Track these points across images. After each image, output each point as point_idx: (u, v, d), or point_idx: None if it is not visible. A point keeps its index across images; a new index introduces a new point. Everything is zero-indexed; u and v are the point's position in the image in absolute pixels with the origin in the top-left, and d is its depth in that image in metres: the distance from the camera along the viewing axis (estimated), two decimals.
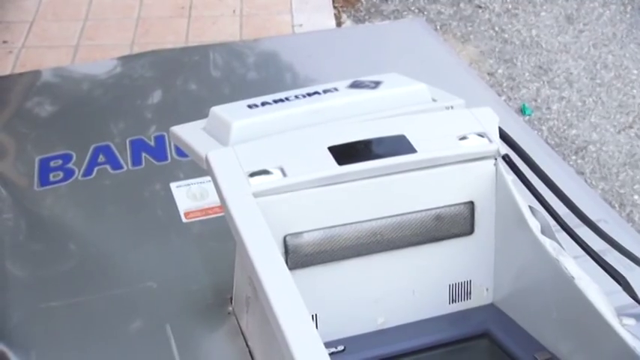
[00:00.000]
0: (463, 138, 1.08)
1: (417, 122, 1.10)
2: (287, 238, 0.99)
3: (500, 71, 3.03)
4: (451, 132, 1.08)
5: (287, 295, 0.85)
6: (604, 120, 2.71)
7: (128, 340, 1.12)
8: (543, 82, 2.94)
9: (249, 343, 1.08)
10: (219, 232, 1.32)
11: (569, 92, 2.87)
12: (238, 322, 1.12)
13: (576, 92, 2.87)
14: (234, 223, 0.93)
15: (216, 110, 1.11)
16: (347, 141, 1.04)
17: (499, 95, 2.74)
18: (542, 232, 1.02)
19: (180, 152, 1.54)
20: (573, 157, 2.50)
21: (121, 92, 1.76)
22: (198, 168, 1.49)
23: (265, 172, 0.99)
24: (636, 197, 2.32)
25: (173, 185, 1.43)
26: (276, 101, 1.14)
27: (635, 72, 2.99)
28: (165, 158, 1.52)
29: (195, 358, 1.10)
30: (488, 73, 3.01)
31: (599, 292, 0.93)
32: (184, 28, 3.04)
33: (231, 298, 1.15)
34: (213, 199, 1.40)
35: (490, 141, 1.08)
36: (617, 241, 1.25)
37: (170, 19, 3.09)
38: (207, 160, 1.01)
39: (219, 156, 1.01)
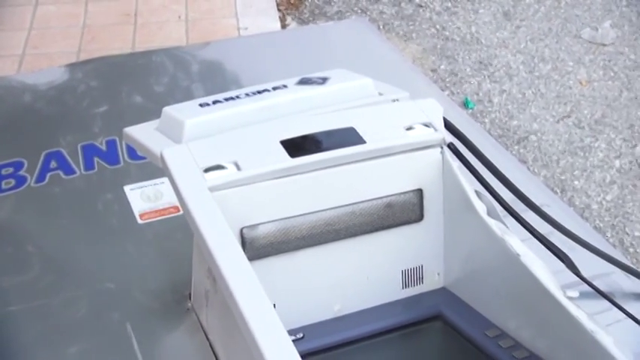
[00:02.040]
0: (410, 128, 1.11)
1: (365, 115, 1.12)
2: (243, 231, 1.00)
3: (442, 67, 3.07)
4: (398, 123, 1.11)
5: (247, 283, 0.86)
6: (543, 111, 2.77)
7: (89, 341, 1.12)
8: (484, 77, 2.99)
9: (209, 337, 1.08)
10: (174, 232, 1.33)
11: (509, 85, 2.93)
12: (198, 318, 1.12)
13: (516, 85, 2.93)
14: (192, 217, 0.94)
15: (169, 110, 1.12)
16: (298, 134, 1.05)
17: (442, 90, 2.79)
18: (488, 214, 1.05)
19: (132, 155, 1.54)
20: (516, 147, 2.55)
21: (69, 99, 1.75)
22: (152, 170, 1.49)
23: (220, 167, 1.00)
24: (576, 183, 2.38)
25: (127, 188, 1.43)
26: (227, 99, 1.15)
27: (571, 64, 3.07)
28: (118, 162, 1.52)
29: (157, 354, 1.10)
30: (431, 70, 3.06)
31: (543, 268, 0.97)
32: (130, 34, 3.01)
33: (190, 295, 1.16)
34: (167, 200, 1.40)
35: (436, 130, 1.11)
36: (560, 224, 1.29)
37: (116, 26, 3.07)
38: (162, 158, 1.02)
39: (174, 153, 1.02)
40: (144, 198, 1.41)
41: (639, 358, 0.92)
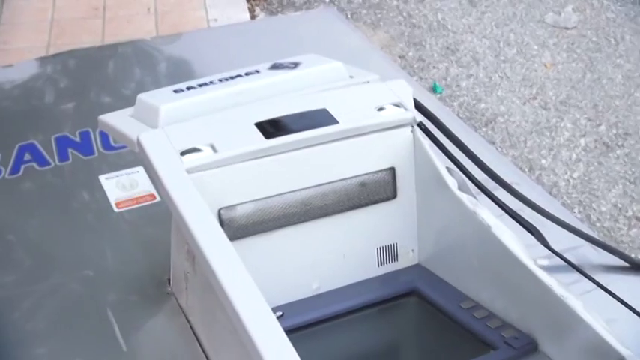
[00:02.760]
0: (381, 109, 1.12)
1: (336, 96, 1.13)
2: (221, 212, 1.00)
3: (410, 54, 3.09)
4: (369, 103, 1.12)
5: (228, 260, 0.87)
6: (510, 93, 2.80)
7: (70, 327, 1.12)
8: (451, 62, 3.02)
9: (190, 319, 1.09)
10: (151, 219, 1.33)
11: (476, 70, 2.96)
12: (177, 301, 1.13)
13: (483, 69, 2.96)
14: (171, 198, 0.94)
15: (143, 96, 1.12)
16: (272, 117, 1.06)
17: (411, 76, 2.81)
18: (459, 188, 1.07)
19: (107, 146, 1.54)
20: (484, 129, 2.58)
21: (40, 92, 1.73)
22: (126, 160, 1.50)
23: (196, 150, 1.00)
24: (544, 162, 2.41)
25: (102, 177, 1.43)
26: (200, 85, 1.15)
27: (536, 47, 3.10)
28: (92, 152, 1.51)
29: (138, 338, 1.10)
30: (400, 56, 3.08)
31: (513, 238, 0.98)
32: (100, 28, 2.99)
33: (169, 280, 1.16)
34: (143, 189, 1.40)
35: (406, 110, 1.12)
36: (530, 200, 1.31)
37: (85, 20, 3.04)
38: (138, 143, 1.02)
39: (150, 137, 1.02)
40: (119, 187, 1.41)
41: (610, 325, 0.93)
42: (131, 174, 1.43)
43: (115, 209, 1.35)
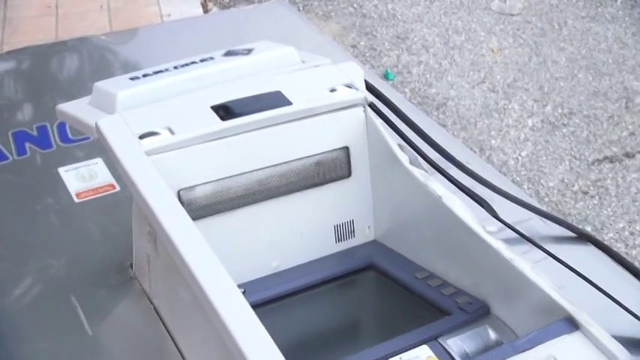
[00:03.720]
0: (333, 90, 1.13)
1: (290, 79, 1.14)
2: (181, 193, 1.01)
3: (362, 43, 3.11)
4: (322, 85, 1.13)
5: (190, 236, 0.87)
6: (459, 78, 2.84)
7: (35, 313, 1.11)
8: (402, 50, 3.05)
9: (153, 302, 1.09)
10: (112, 208, 1.32)
11: (427, 57, 2.99)
12: (141, 285, 1.13)
13: (432, 56, 3.00)
14: (131, 179, 0.94)
15: (100, 84, 1.12)
16: (227, 100, 1.07)
17: (363, 64, 2.82)
18: (411, 163, 1.09)
19: (65, 139, 1.53)
20: (435, 113, 2.61)
21: None
22: (85, 152, 1.49)
23: (154, 133, 1.00)
24: (493, 142, 2.45)
25: (61, 170, 1.42)
26: (156, 72, 1.16)
27: (483, 34, 3.15)
28: (50, 146, 1.50)
29: (103, 322, 1.10)
30: (352, 46, 3.10)
31: (463, 207, 1.01)
32: (53, 25, 2.96)
33: (132, 265, 1.16)
34: (102, 179, 1.40)
35: (357, 90, 1.14)
36: (480, 176, 1.34)
37: (37, 17, 3.00)
38: (97, 128, 1.01)
39: (108, 122, 1.02)
40: (79, 178, 1.41)
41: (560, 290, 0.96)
42: (90, 165, 1.43)
43: (76, 199, 1.35)
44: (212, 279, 0.82)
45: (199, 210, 1.02)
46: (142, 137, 1.00)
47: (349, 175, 1.15)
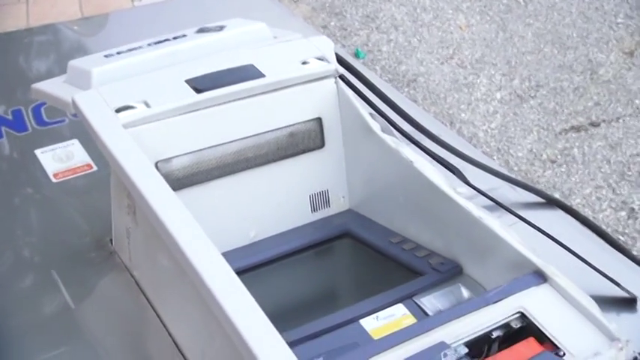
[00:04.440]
0: (305, 62, 1.14)
1: (262, 53, 1.15)
2: (158, 165, 1.01)
3: (332, 23, 3.11)
4: (294, 58, 1.14)
5: (171, 204, 0.88)
6: (428, 55, 2.85)
7: (17, 288, 1.12)
8: (372, 29, 3.05)
9: (133, 274, 1.10)
10: (89, 188, 1.33)
11: (396, 35, 3.00)
12: (121, 259, 1.13)
13: (402, 34, 3.00)
14: (110, 152, 0.95)
15: (75, 62, 1.11)
16: (202, 73, 1.07)
17: (335, 44, 2.82)
18: (383, 131, 1.10)
19: (40, 122, 1.53)
20: (406, 89, 2.62)
21: None
22: (60, 134, 1.49)
23: (130, 107, 1.01)
24: (463, 115, 2.47)
25: (38, 152, 1.42)
26: (130, 50, 1.16)
27: (450, 12, 3.15)
28: (26, 129, 1.50)
29: (84, 295, 1.11)
30: (322, 26, 3.09)
31: (434, 170, 1.02)
32: (24, 13, 2.91)
33: (111, 240, 1.16)
34: (79, 159, 1.40)
35: (329, 62, 1.15)
36: (450, 145, 1.36)
37: (7, 6, 2.96)
38: (74, 103, 1.01)
39: (84, 97, 1.02)
40: (56, 159, 1.41)
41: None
42: (66, 146, 1.43)
43: (53, 180, 1.35)
44: (194, 244, 0.83)
45: (177, 181, 1.03)
46: (118, 111, 1.00)
47: (322, 145, 1.16)
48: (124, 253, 1.12)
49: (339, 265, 1.15)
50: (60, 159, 1.41)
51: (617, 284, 1.16)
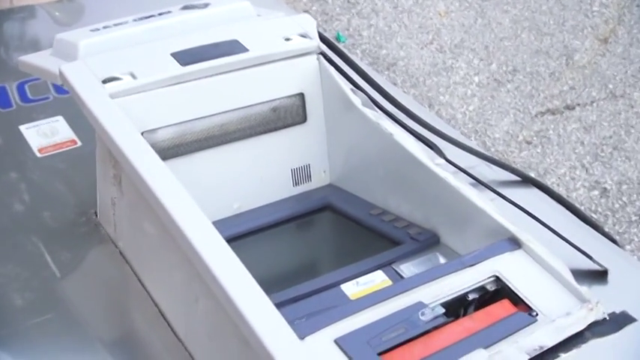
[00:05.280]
0: (288, 39, 1.15)
1: (246, 29, 1.16)
2: (144, 135, 1.01)
3: (314, 8, 3.12)
4: (277, 35, 1.15)
5: (158, 170, 0.88)
6: (408, 40, 2.87)
7: (3, 259, 1.12)
8: (353, 14, 3.06)
9: (118, 245, 1.10)
10: (75, 162, 1.33)
11: (376, 20, 3.01)
12: (106, 230, 1.14)
13: (382, 19, 3.02)
14: (97, 120, 0.95)
15: (61, 36, 1.11)
16: (187, 47, 1.08)
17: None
18: (363, 105, 1.11)
19: (24, 99, 1.52)
20: (386, 72, 2.64)
21: None
22: (45, 110, 1.48)
23: (116, 78, 1.01)
24: (442, 98, 2.49)
25: (22, 127, 1.41)
26: (116, 25, 1.16)
27: None
28: (10, 105, 1.49)
29: (70, 266, 1.11)
30: (304, 11, 3.10)
31: (413, 143, 1.04)
32: None
33: (96, 213, 1.17)
34: (64, 135, 1.40)
35: (311, 39, 1.16)
36: (430, 124, 1.37)
37: None
38: (61, 73, 1.02)
39: (71, 68, 1.02)
40: (40, 135, 1.40)
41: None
42: (51, 122, 1.42)
43: (38, 154, 1.34)
44: (181, 207, 0.84)
45: (161, 152, 1.03)
46: (104, 82, 1.00)
47: (305, 120, 1.17)
48: (108, 225, 1.13)
49: (320, 237, 1.16)
50: (44, 134, 1.41)
51: (590, 257, 1.18)
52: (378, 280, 0.90)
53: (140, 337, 1.00)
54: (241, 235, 1.08)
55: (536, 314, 0.78)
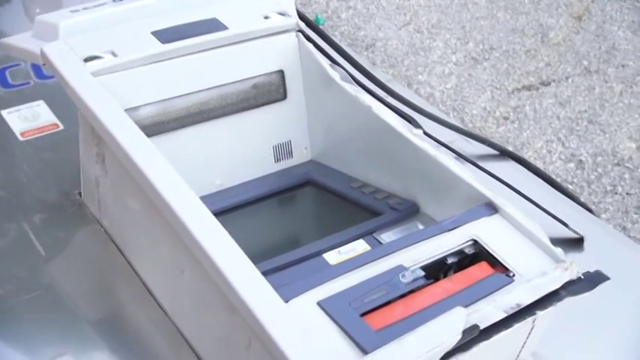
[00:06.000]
0: (267, 17, 1.16)
1: (226, 7, 1.16)
2: (125, 113, 1.02)
3: None
4: (256, 13, 1.16)
5: (142, 145, 0.88)
6: (386, 21, 2.87)
7: None
8: None
9: (103, 223, 1.11)
10: (57, 145, 1.32)
11: (355, 2, 3.01)
12: (90, 210, 1.14)
13: (360, 1, 3.02)
14: (80, 98, 0.95)
15: (42, 17, 1.11)
16: (167, 26, 1.08)
17: None
18: (342, 79, 1.12)
19: (4, 84, 1.51)
20: (365, 53, 2.64)
21: None
22: (26, 96, 1.48)
23: (97, 57, 1.01)
24: (420, 77, 2.50)
25: (4, 112, 1.41)
26: (96, 6, 1.16)
27: None
28: None
29: (55, 245, 1.11)
30: None
31: (391, 114, 1.05)
32: None
33: (80, 193, 1.17)
34: (45, 119, 1.39)
35: (290, 17, 1.17)
36: (408, 100, 1.38)
37: None
38: (42, 53, 1.01)
39: (53, 47, 1.02)
40: (22, 119, 1.40)
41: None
42: (32, 107, 1.42)
43: (20, 138, 1.34)
44: (166, 180, 0.84)
45: (143, 130, 1.03)
46: (86, 60, 1.00)
47: (285, 97, 1.18)
48: (93, 204, 1.13)
49: (302, 210, 1.17)
50: (26, 118, 1.41)
51: (566, 225, 1.20)
52: (359, 248, 0.91)
53: (126, 314, 1.00)
54: (224, 210, 1.08)
55: (513, 275, 0.80)
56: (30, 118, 1.40)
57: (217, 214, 1.07)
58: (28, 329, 0.97)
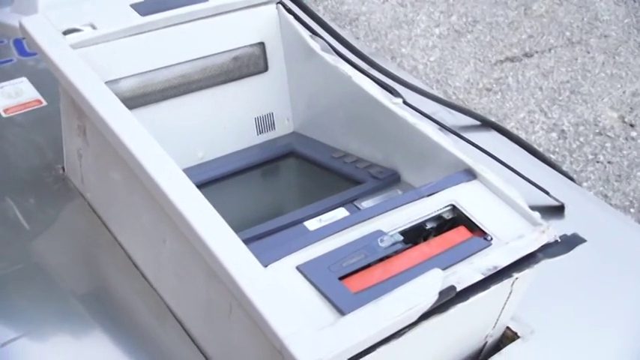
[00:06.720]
0: None
1: None
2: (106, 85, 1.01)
3: None
4: None
5: (123, 116, 0.88)
6: None
7: None
8: None
9: (86, 196, 1.10)
10: (40, 120, 1.32)
11: None
12: (73, 183, 1.14)
13: None
14: (60, 70, 0.94)
15: None
16: None
17: None
18: (322, 50, 1.12)
19: None
20: (348, 27, 2.63)
21: None
22: (9, 73, 1.46)
23: (76, 30, 1.00)
24: (404, 50, 2.50)
25: None
26: None
27: None
28: None
29: (38, 218, 1.11)
30: None
31: (371, 84, 1.05)
32: None
33: (63, 168, 1.17)
34: (28, 96, 1.38)
35: None
36: (390, 71, 1.38)
37: None
38: (21, 26, 1.00)
39: (31, 20, 1.01)
40: (5, 96, 1.39)
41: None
42: (15, 84, 1.41)
43: (3, 115, 1.33)
44: (146, 150, 0.84)
45: (124, 102, 1.02)
46: (65, 33, 0.99)
47: (266, 69, 1.17)
48: (75, 177, 1.12)
49: (285, 181, 1.17)
50: (9, 95, 1.40)
51: (547, 193, 1.21)
52: (340, 216, 0.92)
53: (110, 285, 1.00)
54: (206, 182, 1.08)
55: (491, 238, 0.80)
56: (13, 95, 1.39)
57: (200, 185, 1.08)
58: (11, 302, 0.97)
